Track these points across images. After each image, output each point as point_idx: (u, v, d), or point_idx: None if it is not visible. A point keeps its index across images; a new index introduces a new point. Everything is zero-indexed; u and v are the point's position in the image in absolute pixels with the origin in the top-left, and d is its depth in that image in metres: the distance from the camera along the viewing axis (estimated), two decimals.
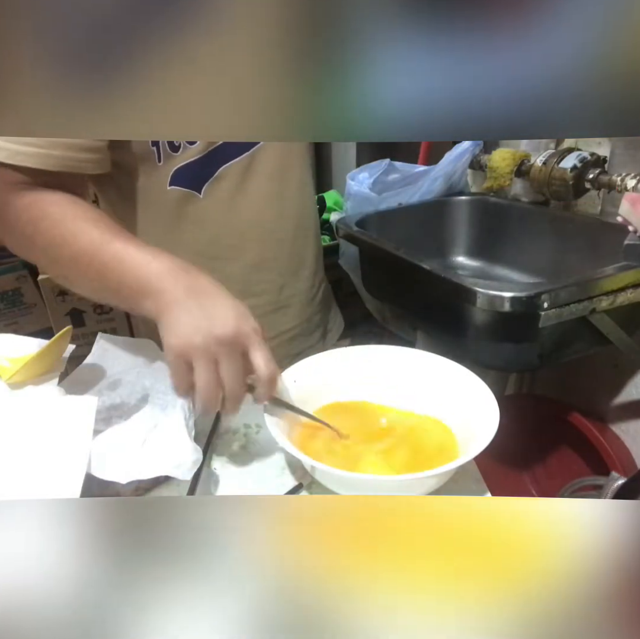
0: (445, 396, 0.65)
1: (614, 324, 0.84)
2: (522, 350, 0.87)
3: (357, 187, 1.21)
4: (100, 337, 0.72)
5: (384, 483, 0.53)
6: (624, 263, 0.83)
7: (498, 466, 1.30)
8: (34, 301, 1.76)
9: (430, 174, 1.25)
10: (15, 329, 1.75)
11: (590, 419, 1.14)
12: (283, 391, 0.62)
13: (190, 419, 0.60)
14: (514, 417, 0.75)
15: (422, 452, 0.60)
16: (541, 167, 1.08)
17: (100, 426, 0.59)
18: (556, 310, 0.78)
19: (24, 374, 0.63)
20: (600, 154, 1.04)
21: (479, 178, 1.33)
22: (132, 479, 0.53)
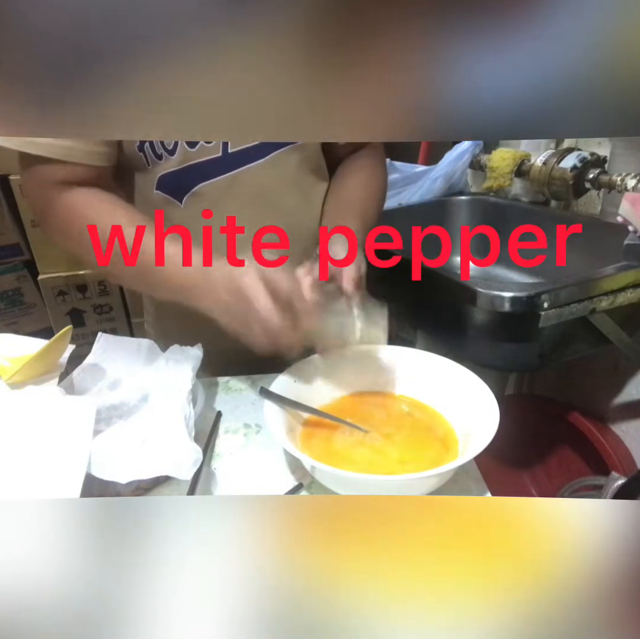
0: (445, 396, 0.65)
1: (614, 324, 0.84)
2: (522, 350, 0.87)
3: None
4: (100, 337, 0.72)
5: (384, 482, 0.53)
6: (624, 263, 0.83)
7: (498, 466, 1.30)
8: (34, 301, 1.76)
9: (430, 174, 1.25)
10: (15, 329, 1.75)
11: (590, 419, 1.14)
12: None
13: (190, 419, 0.60)
14: (514, 417, 0.75)
15: (424, 442, 0.61)
16: (541, 167, 1.08)
17: (100, 426, 0.59)
18: (556, 310, 0.78)
19: (24, 374, 0.63)
20: (600, 154, 1.04)
21: (479, 178, 1.33)
22: (132, 479, 0.53)
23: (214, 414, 0.71)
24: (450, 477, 0.56)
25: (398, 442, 0.60)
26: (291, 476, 0.62)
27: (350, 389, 0.69)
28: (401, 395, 0.68)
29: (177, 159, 0.70)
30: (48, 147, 0.64)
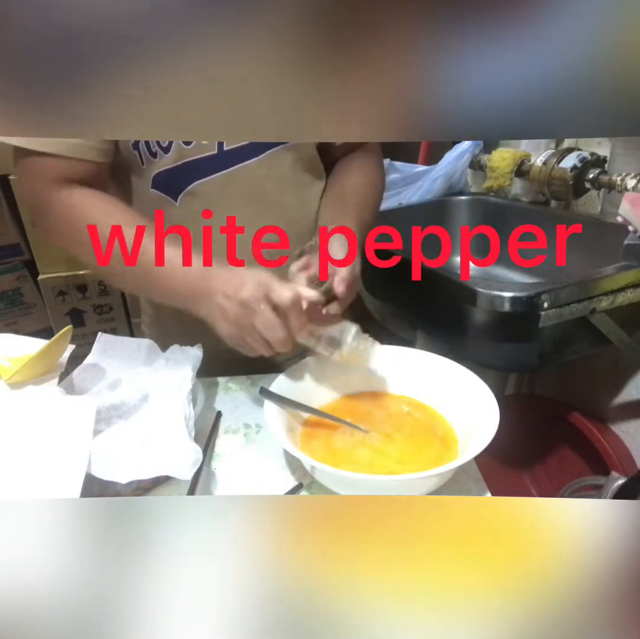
0: (445, 396, 0.65)
1: (614, 324, 0.84)
2: (522, 350, 0.87)
3: None
4: (100, 337, 0.72)
5: (384, 482, 0.53)
6: (624, 263, 0.83)
7: (498, 466, 1.30)
8: (34, 301, 1.76)
9: (430, 174, 1.25)
10: (15, 329, 1.75)
11: (590, 419, 1.14)
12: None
13: (190, 419, 0.60)
14: (514, 417, 0.75)
15: (424, 441, 0.61)
16: (541, 167, 1.08)
17: (100, 426, 0.59)
18: (556, 310, 0.78)
19: (24, 374, 0.63)
20: (600, 154, 1.04)
21: (479, 178, 1.33)
22: (132, 479, 0.53)
23: (214, 414, 0.71)
24: (450, 477, 0.56)
25: (398, 442, 0.60)
26: (291, 476, 0.62)
27: (350, 389, 0.69)
28: (401, 395, 0.68)
29: (172, 156, 0.70)
30: (44, 143, 0.63)
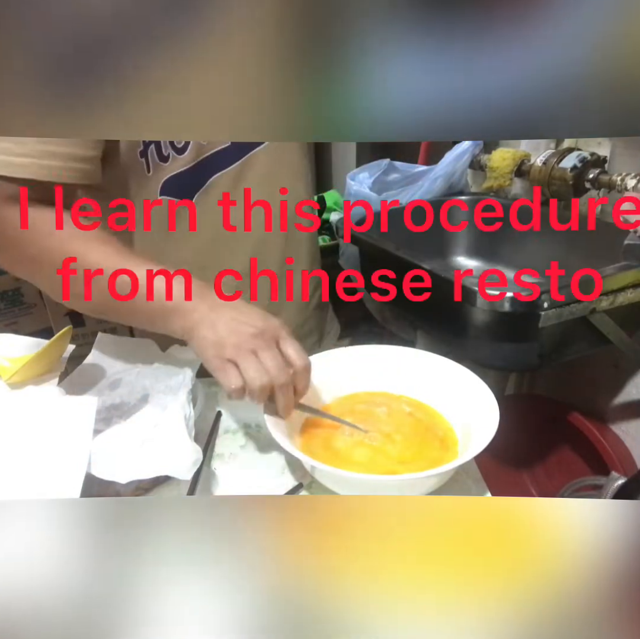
0: (445, 396, 0.65)
1: (614, 324, 0.84)
2: (522, 350, 0.86)
3: (357, 187, 1.21)
4: (100, 337, 0.72)
5: (384, 482, 0.53)
6: (624, 263, 0.82)
7: (498, 466, 1.30)
8: (34, 301, 1.76)
9: (430, 174, 1.24)
10: (15, 329, 1.75)
11: (590, 419, 1.14)
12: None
13: (190, 419, 0.60)
14: (514, 417, 0.75)
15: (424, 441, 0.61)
16: (541, 167, 1.08)
17: (100, 426, 0.59)
18: (556, 310, 0.77)
19: (24, 374, 0.63)
20: (600, 154, 1.04)
21: (479, 178, 1.33)
22: (132, 479, 0.53)
23: (214, 414, 0.71)
24: (450, 477, 0.56)
25: (398, 442, 0.60)
26: (291, 476, 0.62)
27: (350, 389, 0.69)
28: (401, 395, 0.68)
29: (189, 156, 0.70)
30: (6, 164, 0.57)
